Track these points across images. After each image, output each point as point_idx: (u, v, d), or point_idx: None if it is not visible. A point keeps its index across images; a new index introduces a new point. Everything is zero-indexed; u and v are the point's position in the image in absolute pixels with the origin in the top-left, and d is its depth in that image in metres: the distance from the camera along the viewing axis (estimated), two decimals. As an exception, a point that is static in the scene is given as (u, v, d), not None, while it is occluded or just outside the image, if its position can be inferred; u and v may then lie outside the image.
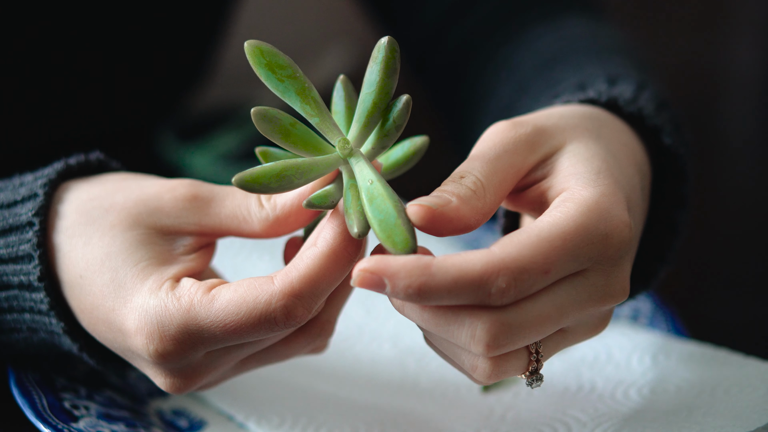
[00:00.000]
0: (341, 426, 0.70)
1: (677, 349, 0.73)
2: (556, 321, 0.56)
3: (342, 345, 0.78)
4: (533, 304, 0.55)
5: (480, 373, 0.57)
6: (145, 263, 0.61)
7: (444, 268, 0.54)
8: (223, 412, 0.71)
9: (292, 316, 0.58)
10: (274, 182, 0.56)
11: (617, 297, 0.58)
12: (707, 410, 0.66)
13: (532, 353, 0.58)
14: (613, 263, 0.57)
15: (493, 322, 0.55)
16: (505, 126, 0.60)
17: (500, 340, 0.55)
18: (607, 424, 0.67)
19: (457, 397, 0.73)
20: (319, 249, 0.58)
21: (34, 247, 0.64)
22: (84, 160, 0.67)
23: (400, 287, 0.54)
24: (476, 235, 0.92)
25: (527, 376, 0.58)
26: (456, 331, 0.55)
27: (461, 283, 0.54)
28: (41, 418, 0.65)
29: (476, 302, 0.55)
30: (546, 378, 0.74)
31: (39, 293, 0.64)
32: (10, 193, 0.66)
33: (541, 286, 0.55)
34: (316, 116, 0.58)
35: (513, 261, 0.54)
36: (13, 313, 0.66)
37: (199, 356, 0.61)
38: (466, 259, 0.54)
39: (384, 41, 0.57)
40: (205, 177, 1.13)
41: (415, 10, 1.00)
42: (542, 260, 0.55)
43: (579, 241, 0.55)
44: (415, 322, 0.57)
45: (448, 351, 0.58)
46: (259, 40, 0.58)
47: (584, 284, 0.57)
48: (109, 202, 0.63)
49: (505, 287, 0.54)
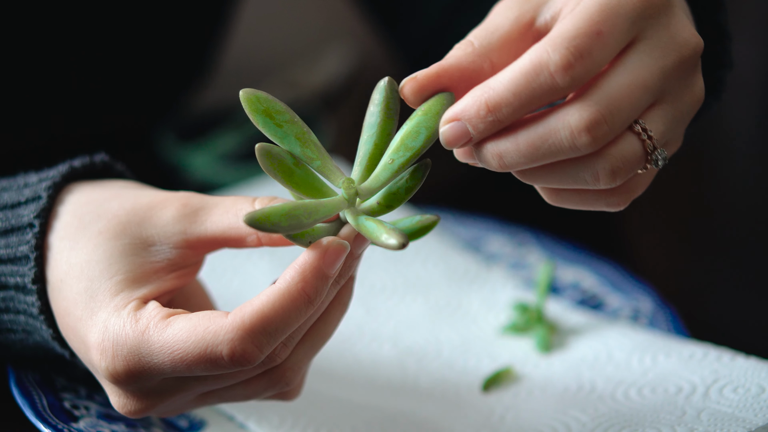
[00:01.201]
0: (341, 426, 0.70)
1: (677, 349, 0.73)
2: (642, 87, 0.55)
3: (342, 345, 0.78)
4: (611, 78, 0.54)
5: (604, 175, 0.55)
6: (120, 277, 0.60)
7: (499, 76, 0.54)
8: (223, 412, 0.71)
9: (239, 353, 0.56)
10: (284, 222, 0.55)
11: (690, 44, 0.57)
12: (707, 410, 0.66)
13: (639, 132, 0.56)
14: (666, 13, 0.56)
15: (580, 107, 0.54)
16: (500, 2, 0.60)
17: (597, 120, 0.54)
18: (607, 424, 0.67)
19: (457, 397, 0.73)
20: (277, 287, 0.57)
21: (31, 249, 0.63)
22: (89, 162, 0.67)
23: (474, 115, 0.54)
24: (476, 234, 0.92)
25: (649, 160, 0.56)
26: (555, 139, 0.54)
27: (519, 77, 0.53)
28: (41, 418, 0.65)
29: (552, 96, 0.54)
30: (546, 378, 0.74)
31: (31, 296, 0.64)
32: (15, 193, 0.66)
33: (604, 54, 0.54)
34: (317, 159, 0.58)
35: (558, 35, 0.54)
36: (9, 313, 0.66)
37: (154, 382, 0.60)
38: (517, 60, 0.54)
39: (383, 83, 0.57)
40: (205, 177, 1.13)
41: (418, 8, 1.00)
42: (586, 23, 0.54)
43: (616, 2, 0.55)
44: (520, 162, 0.55)
45: (566, 179, 0.57)
46: (254, 89, 0.57)
47: (651, 44, 0.55)
48: (103, 208, 0.63)
49: (561, 59, 0.53)
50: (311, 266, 0.57)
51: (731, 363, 0.70)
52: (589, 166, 0.56)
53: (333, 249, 0.57)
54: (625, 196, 0.58)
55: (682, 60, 0.56)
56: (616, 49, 0.55)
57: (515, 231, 0.92)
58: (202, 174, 1.14)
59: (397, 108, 0.58)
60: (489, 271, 0.87)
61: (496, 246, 0.91)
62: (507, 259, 0.90)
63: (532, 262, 0.89)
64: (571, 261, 0.88)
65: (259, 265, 0.85)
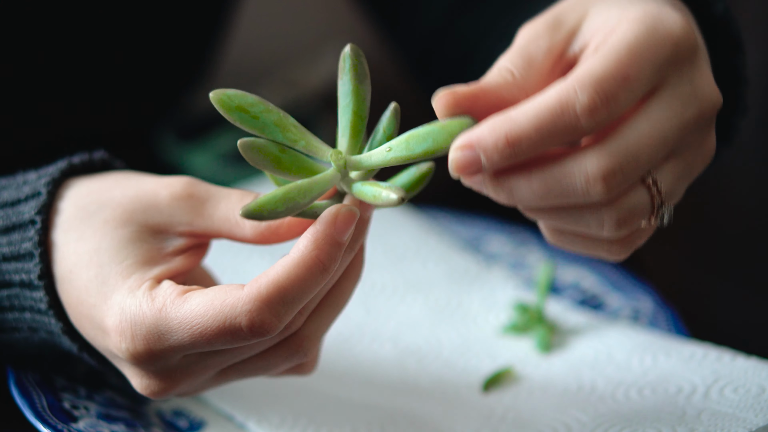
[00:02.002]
0: (341, 426, 0.70)
1: (677, 349, 0.73)
2: (661, 139, 0.55)
3: (342, 345, 0.78)
4: (632, 127, 0.54)
5: (609, 225, 0.55)
6: (130, 261, 0.61)
7: (523, 109, 0.53)
8: (223, 412, 0.71)
9: (258, 323, 0.56)
10: (281, 206, 0.56)
11: (711, 99, 0.56)
12: (707, 410, 0.66)
13: (650, 186, 0.56)
14: (691, 64, 0.56)
15: (599, 154, 0.53)
16: (526, 25, 0.60)
17: (614, 170, 0.53)
18: (607, 425, 0.67)
19: (457, 397, 0.73)
20: (291, 256, 0.57)
21: (35, 245, 0.64)
22: (88, 159, 0.67)
23: (491, 146, 0.53)
24: (477, 233, 0.92)
25: (655, 215, 0.56)
26: (569, 182, 0.54)
27: (544, 114, 0.53)
28: (41, 419, 0.65)
29: (572, 135, 0.53)
30: (546, 378, 0.74)
31: (38, 292, 0.64)
32: (14, 191, 0.66)
33: (628, 99, 0.54)
34: (301, 140, 0.58)
35: (586, 75, 0.53)
36: (14, 311, 0.66)
37: (174, 360, 0.60)
38: (542, 94, 0.53)
39: (347, 50, 0.58)
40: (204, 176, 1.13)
41: (419, 7, 1.00)
42: (615, 67, 0.53)
43: (645, 46, 0.54)
44: (529, 201, 0.55)
45: (570, 222, 0.56)
46: (222, 89, 0.57)
47: (673, 95, 0.55)
48: (106, 197, 0.63)
49: (588, 101, 0.53)
50: (324, 233, 0.57)
51: (731, 363, 0.70)
52: (596, 213, 0.56)
53: (343, 215, 0.57)
54: (627, 247, 0.58)
55: (701, 115, 0.56)
56: (640, 94, 0.55)
57: (515, 231, 0.92)
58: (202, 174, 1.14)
59: (366, 72, 0.58)
60: (489, 271, 0.87)
61: (496, 246, 0.91)
62: (507, 259, 0.90)
63: (532, 262, 0.89)
64: (571, 261, 0.88)
65: (259, 265, 0.85)
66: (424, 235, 0.91)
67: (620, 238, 0.58)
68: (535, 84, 0.58)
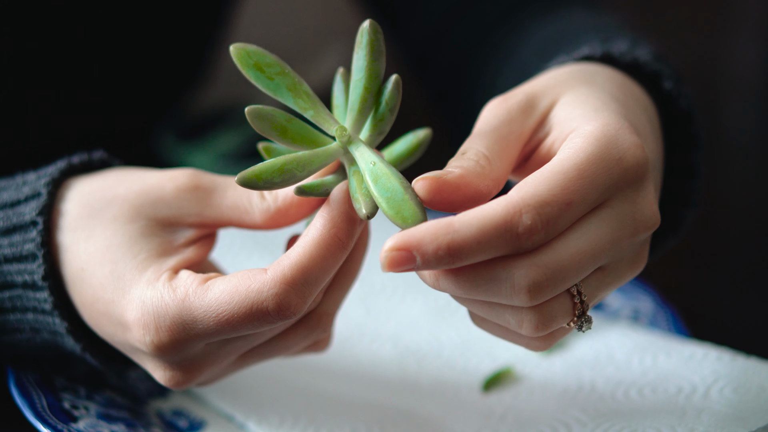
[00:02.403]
0: (341, 426, 0.70)
1: (677, 349, 0.73)
2: (592, 256, 0.55)
3: (342, 345, 0.78)
4: (565, 243, 0.55)
5: (528, 327, 0.56)
6: (144, 255, 0.61)
7: (467, 221, 0.53)
8: (223, 412, 0.71)
9: (285, 305, 0.57)
10: (276, 177, 0.56)
11: (648, 223, 0.57)
12: (707, 410, 0.66)
13: (575, 295, 0.56)
14: (636, 188, 0.56)
15: (529, 266, 0.54)
16: (498, 101, 0.61)
17: (540, 284, 0.54)
18: (607, 425, 0.67)
19: (457, 397, 0.73)
20: (310, 236, 0.58)
21: (38, 246, 0.64)
22: (87, 159, 0.67)
23: (430, 252, 0.53)
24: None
25: (575, 322, 0.57)
26: (495, 286, 0.54)
27: (487, 230, 0.53)
28: (41, 419, 0.65)
29: (508, 250, 0.54)
30: (546, 378, 0.74)
31: (43, 292, 0.64)
32: (14, 192, 0.66)
33: (568, 221, 0.55)
34: (310, 109, 0.58)
35: (532, 197, 0.54)
36: (16, 312, 0.66)
37: (197, 349, 0.60)
38: (486, 207, 0.54)
39: (366, 25, 0.58)
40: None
41: (417, 10, 1.00)
42: (560, 191, 0.54)
43: (594, 169, 0.55)
44: (454, 293, 0.56)
45: (491, 315, 0.57)
46: (243, 43, 0.58)
47: (612, 215, 0.56)
48: (111, 193, 0.63)
49: (530, 224, 0.53)
50: (339, 211, 0.58)
51: (732, 363, 0.70)
52: (516, 313, 0.56)
53: None
54: (546, 342, 0.59)
55: (636, 235, 0.57)
56: (579, 215, 0.55)
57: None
58: (202, 174, 1.14)
59: (382, 49, 0.58)
60: (489, 271, 0.87)
61: (496, 246, 0.91)
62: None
63: (533, 262, 0.89)
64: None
65: (260, 265, 0.85)
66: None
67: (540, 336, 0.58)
68: (503, 171, 0.58)
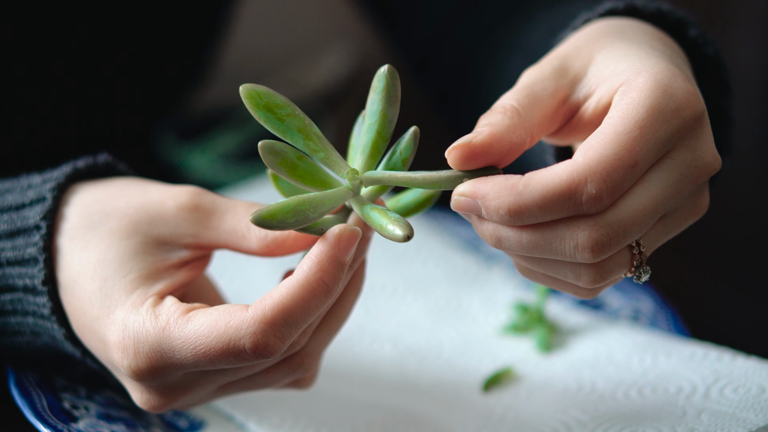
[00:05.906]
0: (341, 426, 0.70)
1: (678, 349, 0.73)
2: (655, 210, 0.55)
3: (343, 345, 0.78)
4: (629, 201, 0.54)
5: (586, 279, 0.56)
6: (134, 275, 0.61)
7: (531, 186, 0.53)
8: (223, 412, 0.71)
9: (262, 345, 0.56)
10: (290, 218, 0.56)
11: (710, 168, 0.57)
12: (707, 410, 0.66)
13: (633, 246, 0.56)
14: (694, 134, 0.56)
15: (592, 227, 0.54)
16: (532, 67, 0.60)
17: (603, 243, 0.54)
18: (607, 425, 0.67)
19: (457, 397, 0.73)
20: (296, 278, 0.57)
21: (40, 251, 0.63)
22: (92, 163, 0.67)
23: (492, 208, 0.53)
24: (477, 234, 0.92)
25: (632, 272, 0.57)
26: (558, 246, 0.54)
27: (550, 197, 0.53)
28: (41, 419, 0.65)
29: (570, 212, 0.54)
30: (546, 378, 0.74)
31: (42, 297, 0.64)
32: (19, 195, 0.66)
33: (632, 182, 0.54)
34: (320, 151, 0.58)
35: (598, 164, 0.53)
36: (17, 315, 0.66)
37: (176, 377, 0.60)
38: (551, 172, 0.53)
39: (383, 70, 0.57)
40: (204, 177, 1.13)
41: (418, 10, 1.00)
42: (627, 154, 0.54)
43: (655, 124, 0.54)
44: (516, 251, 0.56)
45: (548, 270, 0.57)
46: (253, 84, 0.57)
47: (672, 165, 0.55)
48: (111, 206, 0.63)
49: (596, 193, 0.53)
50: (327, 255, 0.57)
51: (732, 363, 0.70)
52: (575, 268, 0.56)
53: (346, 236, 0.57)
54: (596, 291, 0.58)
55: (698, 181, 0.56)
56: (642, 173, 0.55)
57: (515, 231, 0.92)
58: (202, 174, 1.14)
59: (397, 95, 0.57)
60: (489, 271, 0.87)
61: (496, 246, 0.91)
62: (507, 259, 0.89)
63: (533, 262, 0.89)
64: (572, 261, 0.87)
65: (260, 266, 0.85)
66: (425, 235, 0.91)
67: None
68: (539, 124, 0.58)
